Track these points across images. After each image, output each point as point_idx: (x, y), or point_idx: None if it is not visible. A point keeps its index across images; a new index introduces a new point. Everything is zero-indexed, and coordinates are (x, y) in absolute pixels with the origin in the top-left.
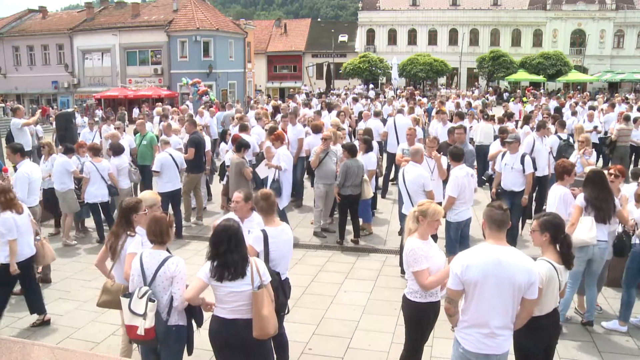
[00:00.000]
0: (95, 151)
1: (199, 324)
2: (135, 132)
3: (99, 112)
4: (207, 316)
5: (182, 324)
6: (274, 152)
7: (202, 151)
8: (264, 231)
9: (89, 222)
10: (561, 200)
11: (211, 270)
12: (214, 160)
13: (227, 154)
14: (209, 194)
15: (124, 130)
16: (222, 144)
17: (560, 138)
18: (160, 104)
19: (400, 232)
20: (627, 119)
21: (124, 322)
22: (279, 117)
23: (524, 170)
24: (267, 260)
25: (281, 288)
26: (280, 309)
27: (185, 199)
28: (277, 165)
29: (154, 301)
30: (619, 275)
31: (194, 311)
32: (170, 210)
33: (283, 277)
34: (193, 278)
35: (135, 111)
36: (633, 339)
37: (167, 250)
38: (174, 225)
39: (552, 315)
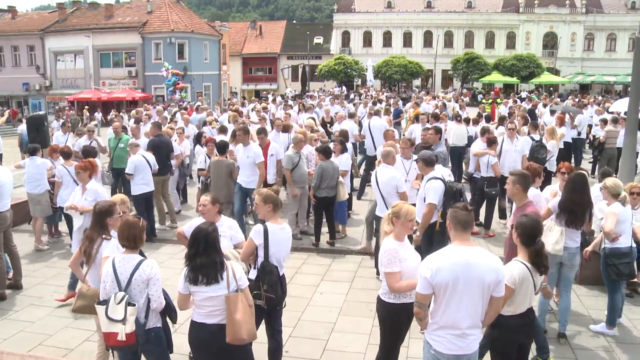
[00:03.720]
0: (67, 155)
1: (174, 321)
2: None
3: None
4: (185, 317)
5: (159, 325)
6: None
7: (164, 154)
8: (265, 225)
9: (62, 227)
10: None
11: (185, 275)
12: (186, 164)
13: (200, 157)
14: (184, 196)
15: (94, 133)
16: (197, 147)
17: (532, 139)
18: (147, 105)
19: (376, 234)
20: (615, 120)
21: (99, 328)
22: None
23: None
24: (266, 254)
25: (279, 282)
26: (278, 303)
27: (158, 202)
28: (85, 209)
29: (134, 305)
30: (590, 273)
31: (167, 308)
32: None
33: (280, 273)
34: (169, 284)
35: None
36: (604, 337)
37: (142, 253)
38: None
39: (526, 315)
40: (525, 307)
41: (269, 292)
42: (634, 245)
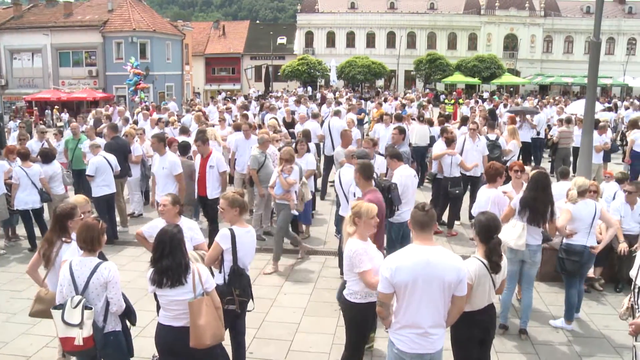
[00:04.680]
0: (24, 156)
1: (133, 323)
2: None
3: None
4: (147, 320)
5: (118, 329)
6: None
7: (121, 156)
8: (231, 230)
9: (20, 230)
10: (493, 202)
11: (150, 278)
12: (148, 165)
13: None
14: (146, 198)
15: (45, 134)
16: None
17: (487, 139)
18: (108, 106)
19: (337, 233)
20: (568, 121)
21: (58, 334)
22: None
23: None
24: (235, 258)
25: (249, 285)
26: (246, 306)
27: (119, 203)
28: None
29: (90, 309)
30: (550, 270)
31: (127, 311)
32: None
33: None
34: (130, 286)
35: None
36: (563, 331)
37: (103, 256)
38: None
39: (486, 311)
40: (484, 303)
41: (241, 296)
42: (591, 245)
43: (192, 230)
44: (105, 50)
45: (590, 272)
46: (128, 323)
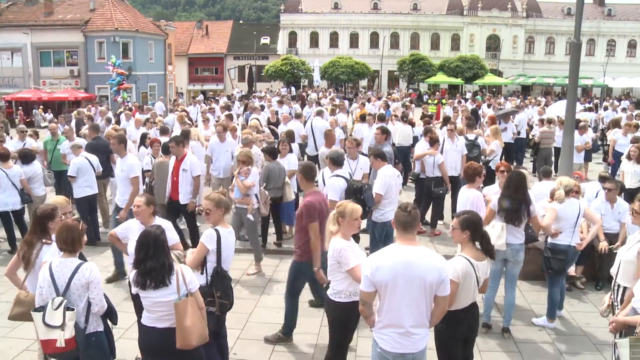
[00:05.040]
0: (4, 157)
1: (115, 322)
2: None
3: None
4: (130, 322)
5: (100, 330)
6: None
7: (103, 156)
8: (217, 230)
9: (0, 232)
10: (472, 204)
11: (133, 280)
12: None
13: (146, 158)
14: None
15: (25, 134)
16: (142, 148)
17: (466, 138)
18: (90, 106)
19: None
20: (550, 121)
21: (38, 337)
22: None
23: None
24: (219, 259)
25: (231, 287)
26: (229, 309)
27: (101, 204)
28: None
29: (72, 310)
30: (532, 269)
31: (108, 311)
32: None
33: None
34: (113, 287)
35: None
36: (545, 329)
37: (82, 257)
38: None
39: (469, 310)
40: (469, 301)
41: (222, 299)
42: (574, 244)
43: (167, 230)
44: (87, 49)
45: (572, 271)
46: (110, 323)
